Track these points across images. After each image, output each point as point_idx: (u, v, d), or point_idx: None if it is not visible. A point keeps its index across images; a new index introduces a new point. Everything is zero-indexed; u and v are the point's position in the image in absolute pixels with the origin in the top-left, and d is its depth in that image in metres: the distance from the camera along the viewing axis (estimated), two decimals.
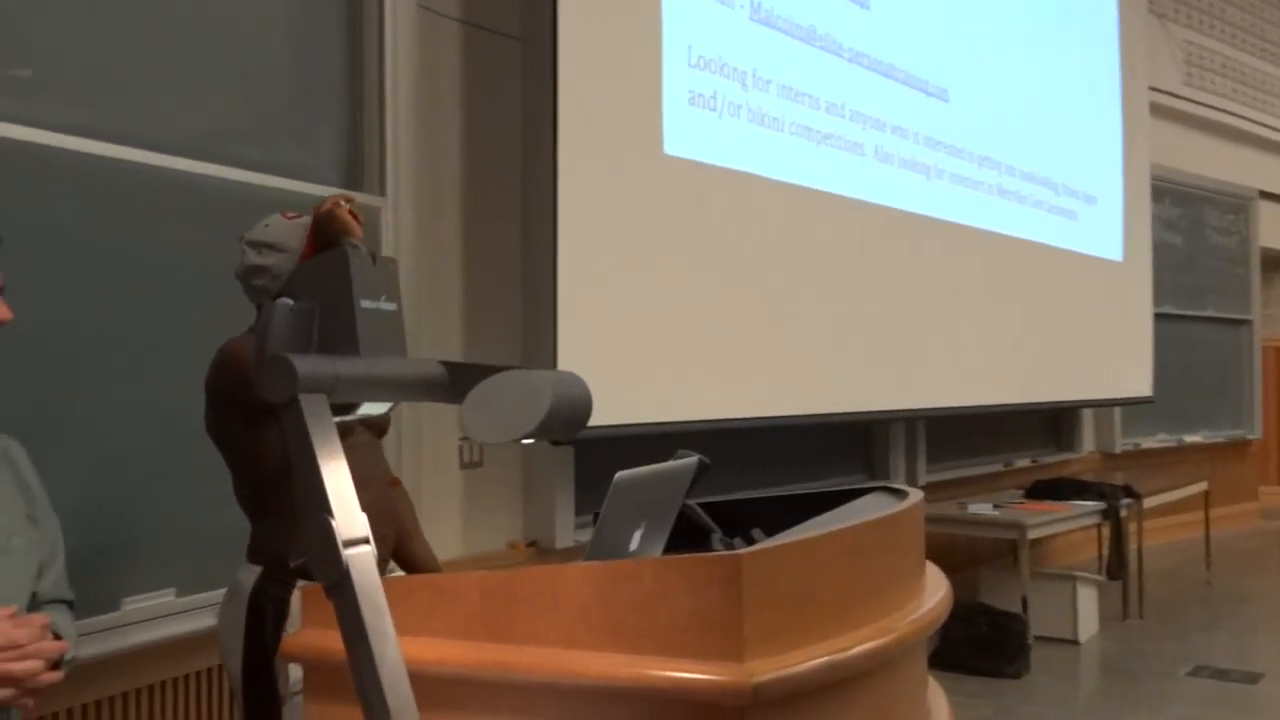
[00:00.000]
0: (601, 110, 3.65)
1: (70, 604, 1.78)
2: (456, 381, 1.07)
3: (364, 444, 2.19)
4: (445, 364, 1.08)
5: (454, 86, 3.64)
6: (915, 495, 1.56)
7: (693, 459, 1.61)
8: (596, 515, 1.38)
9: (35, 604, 1.66)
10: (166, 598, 2.57)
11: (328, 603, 1.37)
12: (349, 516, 0.90)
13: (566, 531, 3.87)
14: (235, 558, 2.74)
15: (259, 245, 2.11)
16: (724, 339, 4.12)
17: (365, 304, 1.02)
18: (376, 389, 1.02)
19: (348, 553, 0.89)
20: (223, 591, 2.69)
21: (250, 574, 2.12)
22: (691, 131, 4.01)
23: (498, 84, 3.78)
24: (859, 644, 1.22)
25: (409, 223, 3.35)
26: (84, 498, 2.42)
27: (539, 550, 3.80)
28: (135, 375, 2.54)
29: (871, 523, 1.35)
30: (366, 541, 0.91)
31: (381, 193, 3.29)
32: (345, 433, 2.15)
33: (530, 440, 1.00)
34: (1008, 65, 5.98)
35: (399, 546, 2.34)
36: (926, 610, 1.40)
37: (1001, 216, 5.88)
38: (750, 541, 1.51)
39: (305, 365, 0.92)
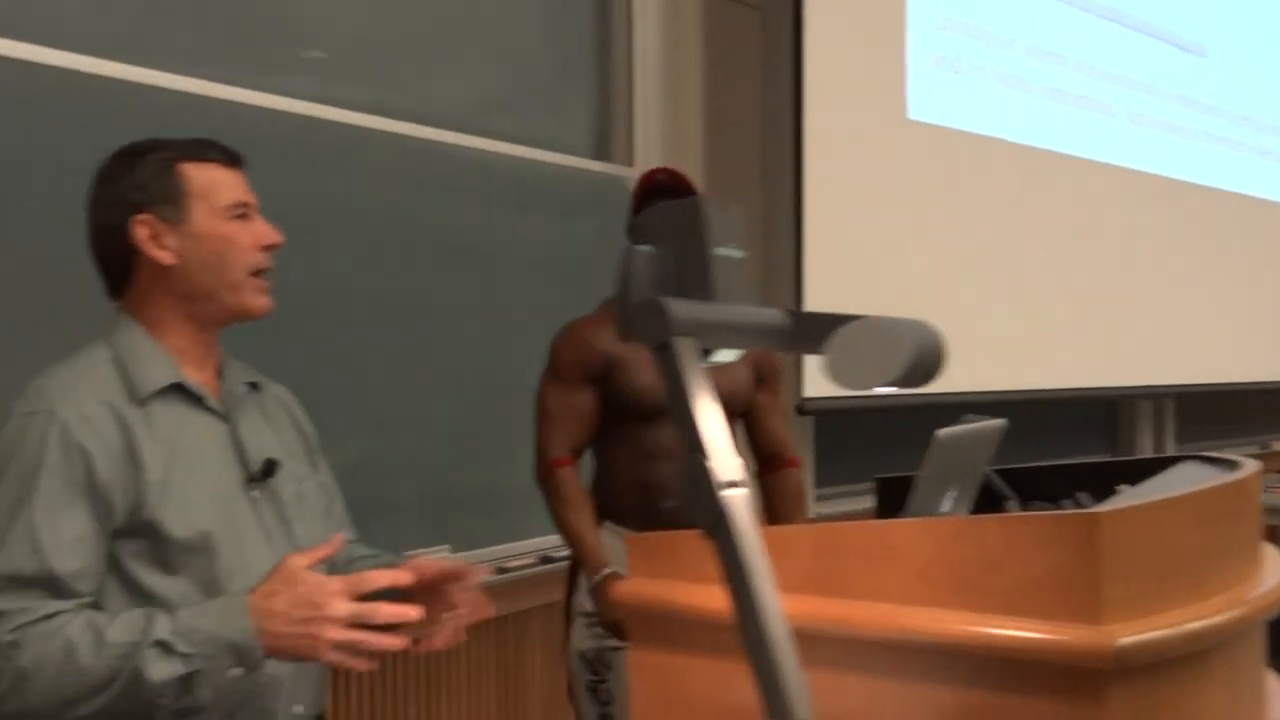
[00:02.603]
0: (844, 76, 3.58)
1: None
2: (801, 329, 1.06)
3: None
4: (790, 312, 1.07)
5: (696, 57, 3.64)
6: (1251, 465, 1.45)
7: (1000, 421, 1.55)
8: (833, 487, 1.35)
9: None
10: (442, 552, 2.68)
11: (651, 553, 1.39)
12: (723, 458, 0.90)
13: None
14: (506, 518, 2.86)
15: None
16: (966, 309, 3.99)
17: (718, 250, 1.02)
18: (734, 335, 1.01)
19: (724, 494, 0.89)
20: (494, 549, 2.82)
21: None
22: (935, 95, 3.89)
23: (739, 53, 3.76)
24: (1218, 612, 1.14)
25: None
26: (370, 455, 2.54)
27: None
28: (414, 340, 2.65)
29: (1220, 488, 1.26)
30: (743, 484, 0.90)
31: (629, 163, 3.33)
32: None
33: (891, 390, 0.98)
34: (1270, 15, 5.54)
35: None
36: (1274, 584, 1.31)
37: (1264, 180, 5.48)
38: (1078, 505, 1.44)
39: (677, 309, 0.92)
